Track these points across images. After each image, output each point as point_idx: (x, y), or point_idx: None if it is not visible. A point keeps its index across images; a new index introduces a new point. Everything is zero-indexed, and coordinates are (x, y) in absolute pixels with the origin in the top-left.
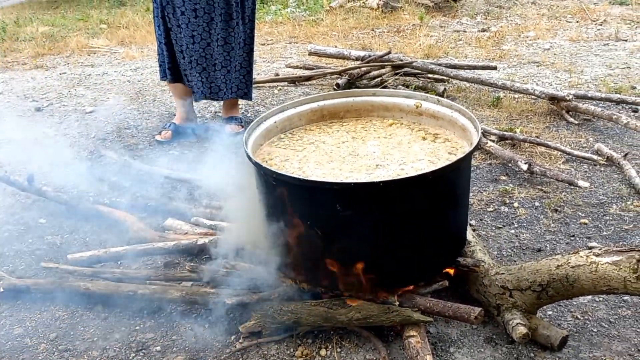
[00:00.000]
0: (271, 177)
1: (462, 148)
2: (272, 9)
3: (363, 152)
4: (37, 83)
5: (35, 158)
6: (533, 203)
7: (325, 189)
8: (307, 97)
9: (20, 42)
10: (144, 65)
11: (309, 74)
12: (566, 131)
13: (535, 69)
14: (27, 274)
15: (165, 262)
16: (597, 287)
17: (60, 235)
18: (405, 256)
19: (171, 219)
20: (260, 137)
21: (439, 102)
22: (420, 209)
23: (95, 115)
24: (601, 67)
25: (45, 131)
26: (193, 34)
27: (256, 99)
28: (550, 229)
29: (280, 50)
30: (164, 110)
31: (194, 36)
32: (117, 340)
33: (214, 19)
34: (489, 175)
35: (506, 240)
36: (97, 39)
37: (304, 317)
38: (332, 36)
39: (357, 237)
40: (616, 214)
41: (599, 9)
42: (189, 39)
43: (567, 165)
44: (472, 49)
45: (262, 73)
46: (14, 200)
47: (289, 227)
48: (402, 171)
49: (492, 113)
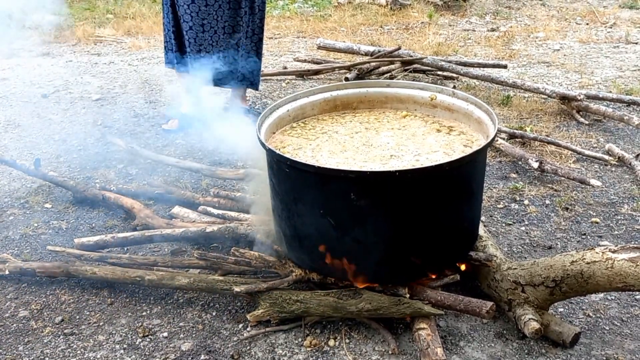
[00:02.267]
0: (285, 165)
1: (478, 141)
2: (280, 4)
3: (377, 143)
4: (44, 70)
5: (41, 143)
6: (543, 201)
7: (340, 177)
8: (320, 86)
9: (26, 29)
10: (150, 56)
11: (318, 68)
12: (576, 131)
13: (545, 69)
14: (33, 258)
15: (172, 250)
16: (613, 284)
17: (66, 220)
18: (417, 248)
19: (178, 207)
20: (272, 125)
21: (454, 94)
22: (435, 201)
23: (102, 103)
24: (612, 69)
25: (52, 117)
26: (203, 22)
27: (264, 92)
28: (561, 227)
29: (288, 45)
30: (171, 100)
31: (204, 24)
32: (123, 325)
33: (221, 7)
34: (499, 172)
35: (516, 237)
36: (103, 28)
37: (313, 307)
38: (340, 32)
39: (370, 227)
40: (627, 214)
41: (608, 12)
42: (199, 27)
43: (577, 164)
44: (482, 48)
45: (270, 66)
46: (19, 184)
47: (301, 215)
48: (417, 162)
49: (502, 111)
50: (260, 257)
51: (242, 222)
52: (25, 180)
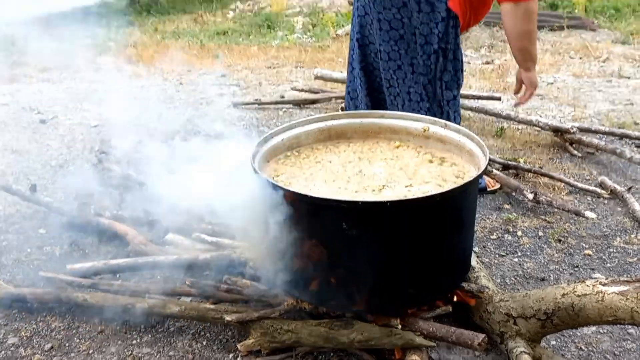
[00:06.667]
0: (277, 194)
1: (470, 172)
2: (279, 34)
3: (370, 173)
4: (43, 96)
5: (38, 169)
6: (536, 232)
7: (332, 207)
8: (315, 116)
9: (28, 55)
10: (149, 83)
11: (315, 98)
12: (569, 163)
13: (539, 101)
14: (25, 284)
15: (164, 277)
16: (603, 317)
17: (60, 246)
18: (409, 278)
19: (172, 234)
20: (267, 154)
21: (447, 126)
22: (427, 232)
23: (100, 129)
24: (604, 103)
25: (49, 143)
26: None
27: (260, 120)
28: (554, 258)
29: (286, 74)
30: (169, 127)
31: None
32: (113, 353)
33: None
34: (492, 203)
35: (509, 269)
36: (104, 56)
37: (304, 337)
38: (337, 62)
39: (362, 257)
40: (620, 247)
41: (601, 47)
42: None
43: (570, 196)
44: (476, 80)
45: (268, 95)
46: (14, 209)
47: (293, 244)
48: (409, 192)
49: (496, 143)
50: (252, 285)
51: (235, 250)
52: (21, 205)
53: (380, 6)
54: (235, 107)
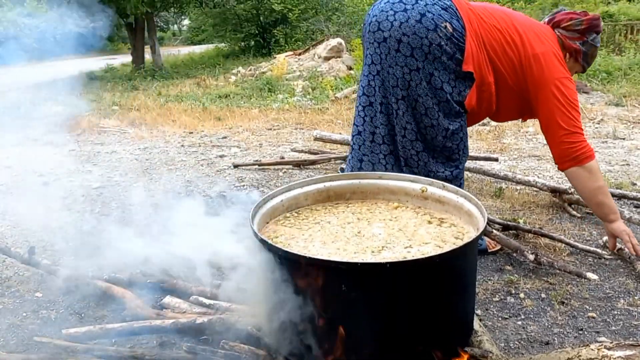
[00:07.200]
0: (277, 255)
1: (469, 233)
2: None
3: (368, 234)
4: (47, 159)
5: (37, 231)
6: (539, 294)
7: (331, 268)
8: (314, 177)
9: (34, 119)
10: (152, 145)
11: (314, 159)
12: (569, 224)
13: (536, 162)
14: (19, 349)
15: (161, 342)
16: None
17: (56, 310)
18: (410, 342)
19: (170, 297)
20: (266, 215)
21: (445, 187)
22: (426, 294)
23: (101, 191)
24: (601, 164)
25: (51, 205)
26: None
27: (261, 180)
28: (558, 321)
29: (286, 135)
30: (170, 188)
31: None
32: None
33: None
34: (494, 264)
35: (513, 332)
36: (108, 119)
37: None
38: (337, 124)
39: (361, 319)
40: (624, 309)
41: (595, 109)
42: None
43: (571, 257)
44: (473, 141)
45: (268, 156)
46: (12, 272)
47: (292, 306)
48: (409, 254)
49: (495, 203)
50: (250, 350)
51: (233, 313)
52: (19, 268)
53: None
54: (235, 168)
